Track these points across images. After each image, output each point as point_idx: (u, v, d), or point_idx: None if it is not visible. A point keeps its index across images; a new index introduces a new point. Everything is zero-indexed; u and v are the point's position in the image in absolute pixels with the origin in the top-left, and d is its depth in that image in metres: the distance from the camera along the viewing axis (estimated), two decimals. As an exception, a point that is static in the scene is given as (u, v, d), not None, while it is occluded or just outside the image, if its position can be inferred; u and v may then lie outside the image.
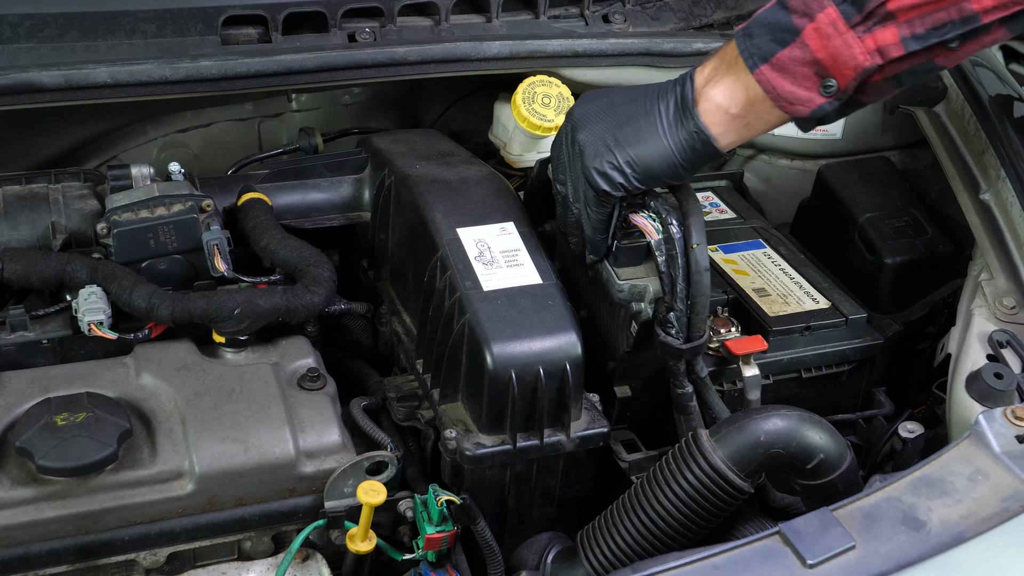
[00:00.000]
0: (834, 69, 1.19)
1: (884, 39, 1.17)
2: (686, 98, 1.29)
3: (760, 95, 1.25)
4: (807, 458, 1.30)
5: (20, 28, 1.60)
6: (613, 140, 1.32)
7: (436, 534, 1.32)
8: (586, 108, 1.36)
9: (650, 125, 1.30)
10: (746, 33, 1.25)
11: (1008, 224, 1.61)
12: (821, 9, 1.18)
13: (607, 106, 1.34)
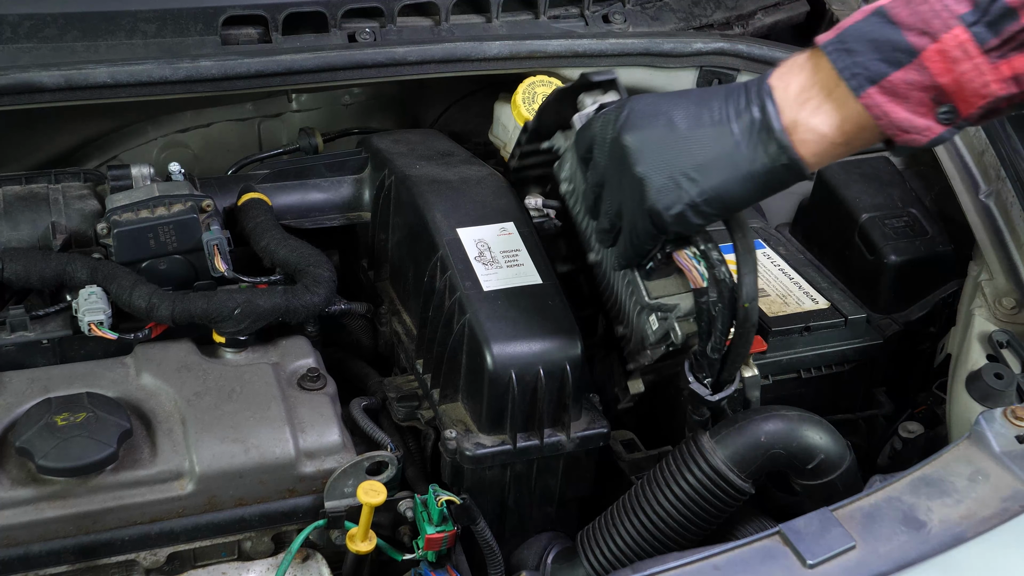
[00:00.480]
0: (958, 96, 1.05)
1: (1022, 66, 1.04)
2: (770, 123, 1.11)
3: (867, 121, 1.09)
4: (807, 458, 1.30)
5: (20, 28, 1.60)
6: (686, 177, 1.14)
7: (436, 534, 1.32)
8: (643, 134, 1.17)
9: (726, 154, 1.13)
10: (843, 48, 1.08)
11: (1008, 224, 1.61)
12: (947, 29, 1.03)
13: (668, 132, 1.16)
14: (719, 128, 1.13)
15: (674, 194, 1.15)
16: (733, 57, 1.86)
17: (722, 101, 1.15)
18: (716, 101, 1.15)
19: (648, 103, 1.19)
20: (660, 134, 1.15)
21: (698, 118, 1.15)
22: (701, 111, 1.15)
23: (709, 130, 1.14)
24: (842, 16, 2.07)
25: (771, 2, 2.06)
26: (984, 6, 1.02)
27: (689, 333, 1.30)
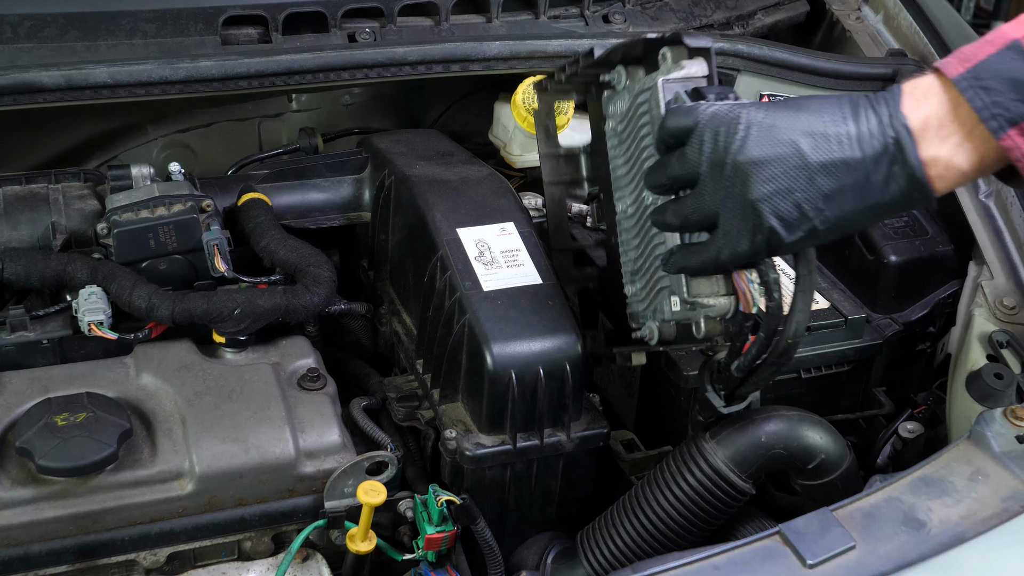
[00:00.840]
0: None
1: None
2: (907, 158, 1.06)
3: (1002, 157, 1.06)
4: (808, 458, 1.30)
5: (20, 28, 1.60)
6: (812, 207, 1.08)
7: (436, 534, 1.32)
8: (767, 160, 1.08)
9: (856, 185, 1.08)
10: (980, 85, 1.04)
11: (1008, 224, 1.61)
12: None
13: (796, 160, 1.07)
14: (850, 158, 1.07)
15: (796, 223, 1.08)
16: (733, 57, 1.86)
17: (852, 126, 1.08)
18: (845, 126, 1.08)
19: (769, 121, 1.09)
20: (786, 163, 1.08)
21: (827, 146, 1.08)
22: (830, 138, 1.08)
23: (839, 160, 1.07)
24: (842, 16, 2.07)
25: (771, 2, 2.06)
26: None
27: (712, 333, 1.25)
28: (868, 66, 1.89)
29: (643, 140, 1.29)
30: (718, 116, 1.11)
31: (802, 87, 1.87)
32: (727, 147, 1.09)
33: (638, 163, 1.31)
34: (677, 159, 1.14)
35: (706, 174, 1.11)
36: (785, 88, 1.88)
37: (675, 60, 1.24)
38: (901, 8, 1.99)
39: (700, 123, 1.11)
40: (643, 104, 1.28)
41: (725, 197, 1.10)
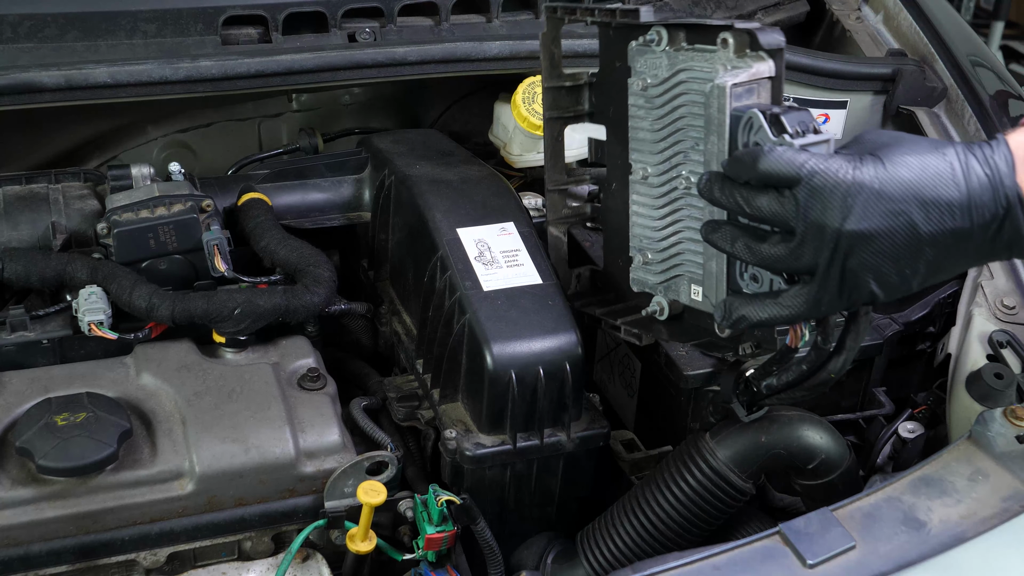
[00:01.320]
0: None
1: None
2: (1018, 223, 1.05)
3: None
4: (808, 458, 1.30)
5: (20, 28, 1.60)
6: (918, 274, 1.07)
7: (436, 534, 1.32)
8: (879, 233, 1.05)
9: (965, 255, 1.07)
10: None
11: (1008, 224, 1.60)
12: None
13: (909, 235, 1.05)
14: (960, 228, 1.05)
15: (897, 287, 1.07)
16: (733, 57, 1.86)
17: (963, 190, 1.04)
18: (956, 190, 1.04)
19: (878, 186, 1.03)
20: (896, 237, 1.04)
21: (939, 217, 1.04)
22: (941, 207, 1.04)
23: (949, 230, 1.05)
24: (842, 16, 2.07)
25: (771, 2, 2.06)
26: None
27: (736, 338, 1.24)
28: (868, 66, 1.90)
29: (681, 118, 1.24)
30: (824, 177, 1.04)
31: (802, 87, 1.87)
32: (833, 214, 1.03)
33: (670, 138, 1.26)
34: (769, 202, 1.07)
35: (805, 233, 1.05)
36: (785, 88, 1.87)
37: (737, 51, 1.16)
38: (901, 8, 1.99)
39: (803, 179, 1.04)
40: (685, 81, 1.22)
41: (826, 263, 1.05)
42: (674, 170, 1.27)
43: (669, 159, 1.27)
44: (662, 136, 1.27)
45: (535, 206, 1.71)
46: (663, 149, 1.28)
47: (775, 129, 1.10)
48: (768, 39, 1.14)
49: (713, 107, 1.16)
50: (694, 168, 1.23)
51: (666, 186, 1.28)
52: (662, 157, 1.28)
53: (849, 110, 1.89)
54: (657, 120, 1.27)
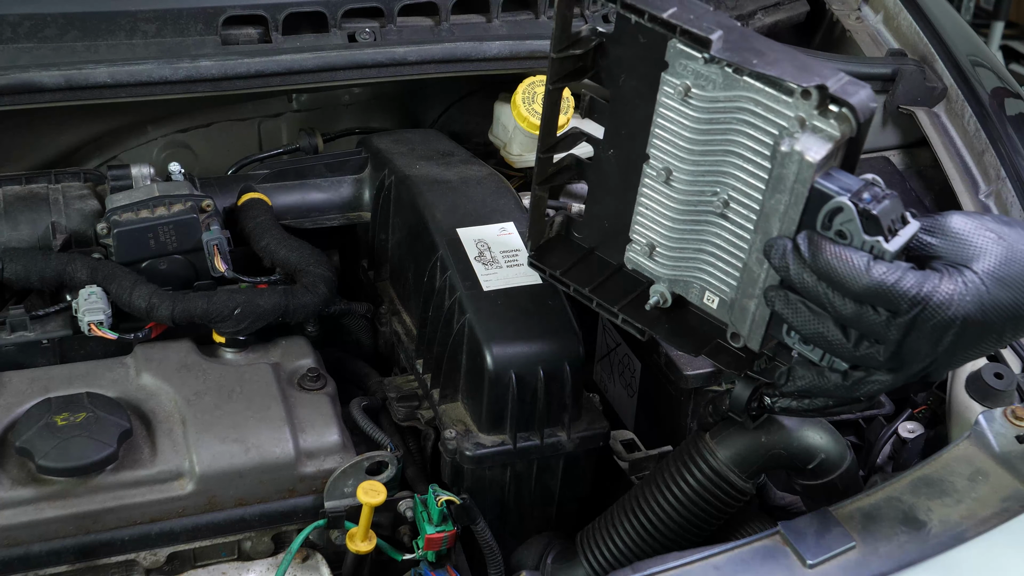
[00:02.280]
0: None
1: None
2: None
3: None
4: (808, 458, 1.30)
5: (20, 28, 1.60)
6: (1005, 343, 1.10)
7: (436, 534, 1.32)
8: (972, 353, 1.08)
9: None
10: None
11: (1008, 224, 1.60)
12: None
13: (998, 339, 1.07)
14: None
15: (989, 350, 1.10)
16: (733, 57, 1.86)
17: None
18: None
19: (981, 319, 1.03)
20: (986, 345, 1.07)
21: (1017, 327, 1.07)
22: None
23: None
24: (842, 16, 2.07)
25: (771, 2, 2.06)
26: None
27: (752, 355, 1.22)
28: (868, 66, 1.90)
29: (734, 146, 1.15)
30: (931, 313, 1.01)
31: (802, 87, 1.87)
32: (934, 346, 1.03)
33: (712, 156, 1.17)
34: (862, 315, 1.03)
35: (899, 353, 1.04)
36: (785, 88, 1.88)
37: (819, 106, 1.07)
38: (901, 8, 1.99)
39: (907, 311, 1.02)
40: (748, 110, 1.12)
41: (913, 372, 1.06)
42: (709, 187, 1.19)
43: (704, 174, 1.19)
44: (702, 151, 1.18)
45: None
46: (700, 163, 1.19)
47: (869, 227, 1.04)
48: (863, 107, 1.07)
49: (790, 172, 1.07)
50: (740, 200, 1.16)
51: (694, 197, 1.21)
52: (696, 170, 1.19)
53: (849, 110, 1.89)
54: (700, 132, 1.18)
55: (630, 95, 1.27)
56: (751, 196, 1.15)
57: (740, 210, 1.16)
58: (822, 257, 1.03)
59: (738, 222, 1.17)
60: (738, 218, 1.16)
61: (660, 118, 1.22)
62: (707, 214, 1.20)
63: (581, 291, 1.33)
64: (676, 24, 1.14)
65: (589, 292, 1.32)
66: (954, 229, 1.07)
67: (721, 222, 1.19)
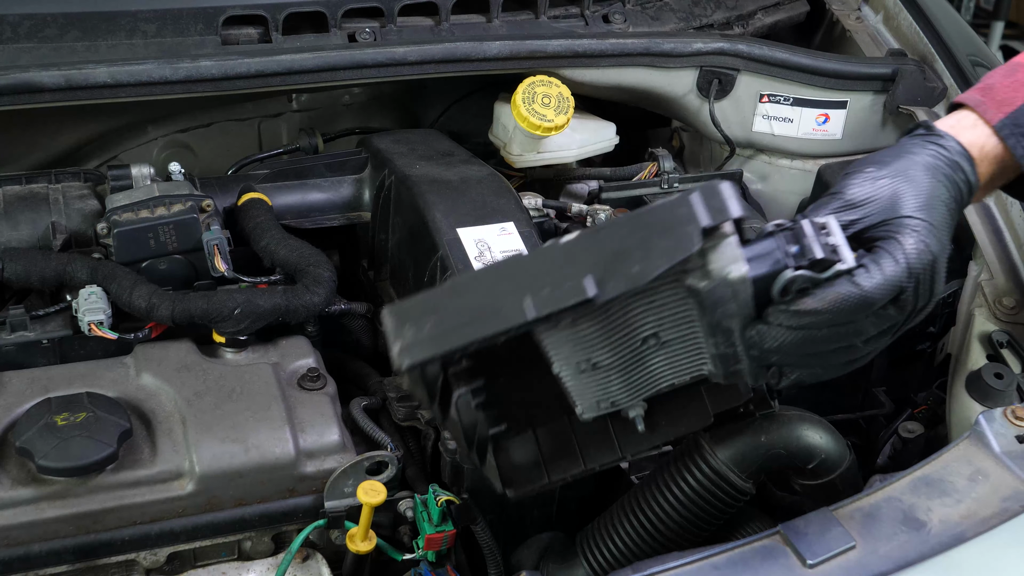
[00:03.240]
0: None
1: None
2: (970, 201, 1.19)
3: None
4: (807, 458, 1.30)
5: (20, 28, 1.60)
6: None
7: (436, 534, 1.32)
8: (945, 234, 1.15)
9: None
10: (1021, 131, 1.17)
11: (1008, 224, 1.61)
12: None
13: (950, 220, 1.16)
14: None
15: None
16: (733, 57, 1.86)
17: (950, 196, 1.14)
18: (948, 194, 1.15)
19: (941, 243, 1.12)
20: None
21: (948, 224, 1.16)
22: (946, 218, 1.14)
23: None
24: (842, 16, 2.07)
25: (771, 2, 2.06)
26: None
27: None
28: (868, 66, 1.90)
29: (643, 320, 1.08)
30: (922, 266, 1.08)
31: (802, 87, 1.88)
32: (934, 286, 1.10)
33: (626, 338, 1.10)
34: (890, 319, 1.07)
35: (916, 307, 1.10)
36: (785, 88, 1.88)
37: (712, 254, 1.00)
38: (901, 8, 1.99)
39: (910, 281, 1.07)
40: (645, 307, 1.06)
41: (928, 309, 1.12)
42: (632, 345, 1.10)
43: (624, 342, 1.10)
44: (617, 339, 1.10)
45: (535, 206, 1.71)
46: (618, 346, 1.10)
47: (818, 266, 1.03)
48: (736, 208, 0.98)
49: (723, 295, 1.02)
50: (672, 332, 1.08)
51: (622, 359, 1.12)
52: (614, 345, 1.11)
53: (849, 110, 1.89)
54: (606, 334, 1.09)
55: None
56: (683, 326, 1.08)
57: (674, 333, 1.09)
58: (820, 316, 1.04)
59: (679, 337, 1.10)
60: (678, 335, 1.09)
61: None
62: (642, 353, 1.12)
63: (577, 473, 1.23)
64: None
65: (585, 468, 1.23)
66: (861, 195, 1.11)
67: (661, 349, 1.11)
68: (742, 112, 1.91)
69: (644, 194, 1.78)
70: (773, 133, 1.92)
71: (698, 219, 0.96)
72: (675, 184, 1.81)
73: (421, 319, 0.99)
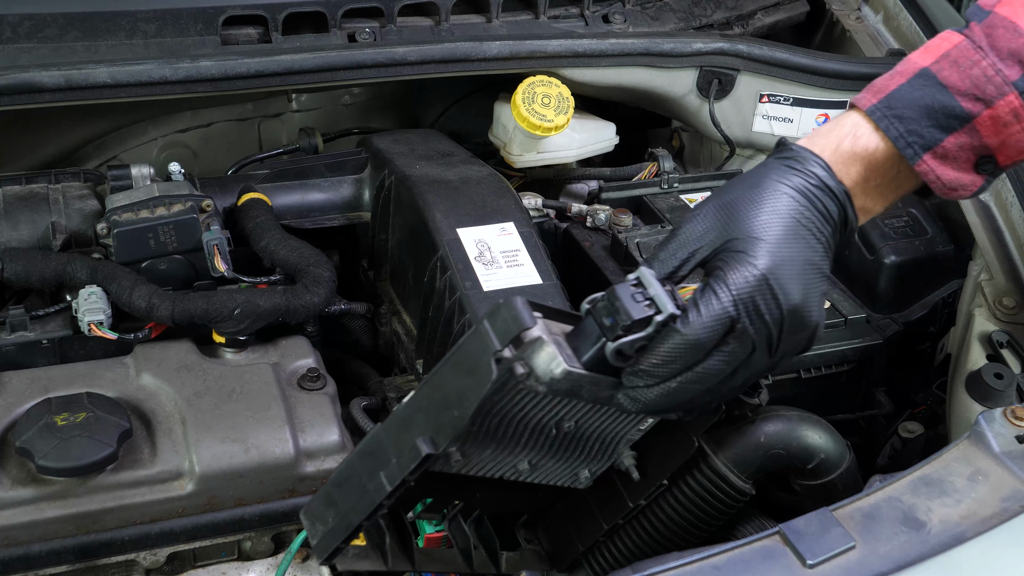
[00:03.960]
0: (1000, 152, 1.08)
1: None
2: (850, 222, 1.10)
3: (913, 186, 1.12)
4: (807, 458, 1.30)
5: (20, 28, 1.60)
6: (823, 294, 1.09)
7: (436, 534, 1.31)
8: (816, 302, 1.07)
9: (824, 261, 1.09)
10: (894, 115, 1.07)
11: (1008, 224, 1.60)
12: (1001, 96, 1.04)
13: (816, 267, 1.07)
14: (818, 244, 1.07)
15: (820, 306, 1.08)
16: (733, 57, 1.86)
17: (811, 213, 1.06)
18: (804, 211, 1.06)
19: (778, 262, 1.03)
20: (817, 284, 1.07)
21: (808, 243, 1.06)
22: (805, 234, 1.06)
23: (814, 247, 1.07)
24: (842, 16, 2.07)
25: (771, 2, 2.06)
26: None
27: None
28: (868, 66, 1.89)
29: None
30: (751, 291, 1.02)
31: (802, 87, 1.88)
32: (776, 308, 1.03)
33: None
34: (736, 354, 1.03)
35: (760, 347, 1.04)
36: (785, 88, 1.88)
37: (533, 361, 1.02)
38: (901, 8, 1.99)
39: (739, 310, 1.02)
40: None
41: (784, 348, 1.06)
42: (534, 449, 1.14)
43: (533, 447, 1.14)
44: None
45: (535, 206, 1.71)
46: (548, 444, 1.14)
47: (638, 326, 1.03)
48: (530, 321, 0.99)
49: (562, 386, 1.04)
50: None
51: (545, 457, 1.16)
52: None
53: (849, 110, 1.89)
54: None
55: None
56: (577, 406, 1.10)
57: (579, 413, 1.12)
58: (663, 369, 1.03)
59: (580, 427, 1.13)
60: (584, 413, 1.12)
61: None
62: (572, 434, 1.15)
63: (603, 534, 1.27)
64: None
65: (605, 528, 1.26)
66: (697, 228, 1.06)
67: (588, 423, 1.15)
68: (742, 112, 1.91)
69: (644, 194, 1.78)
70: (773, 133, 1.92)
71: (490, 348, 0.99)
72: (675, 184, 1.81)
73: (325, 514, 1.08)
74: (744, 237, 1.03)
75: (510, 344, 0.99)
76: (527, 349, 1.01)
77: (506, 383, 1.01)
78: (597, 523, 1.25)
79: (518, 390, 1.03)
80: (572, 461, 1.19)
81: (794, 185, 1.07)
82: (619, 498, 1.24)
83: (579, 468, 1.20)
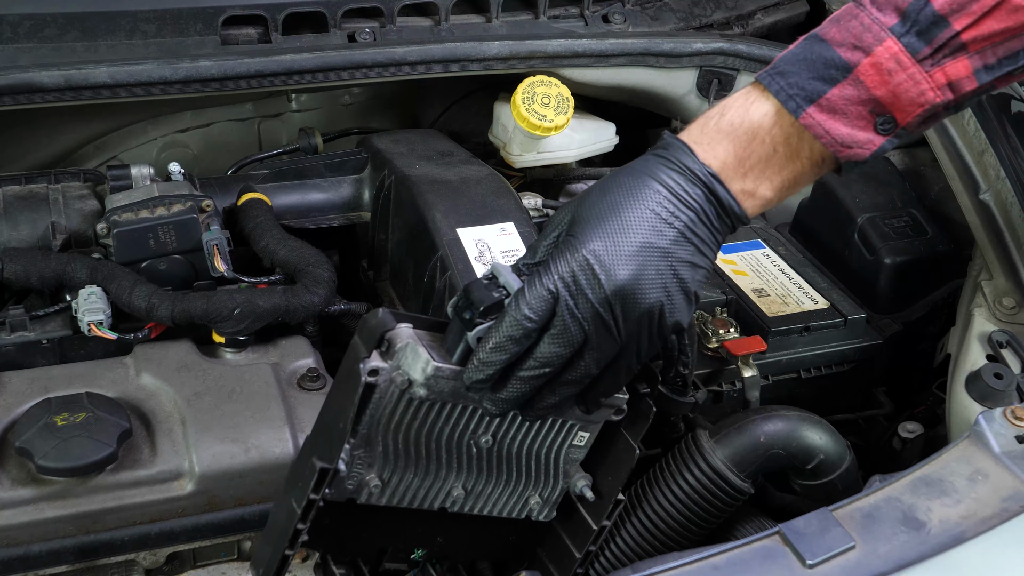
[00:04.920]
0: (895, 106, 1.04)
1: (956, 72, 1.03)
2: (731, 210, 1.08)
3: (811, 158, 1.07)
4: (807, 458, 1.31)
5: (20, 28, 1.60)
6: (691, 280, 1.07)
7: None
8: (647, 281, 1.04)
9: (704, 240, 1.07)
10: (776, 71, 1.06)
11: (1008, 224, 1.60)
12: (879, 42, 1.02)
13: (661, 254, 1.05)
14: (693, 240, 1.06)
15: (684, 299, 1.06)
16: (733, 57, 1.86)
17: (672, 216, 1.05)
18: (662, 208, 1.04)
19: (610, 243, 1.03)
20: (651, 264, 1.04)
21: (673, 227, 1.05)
22: (652, 229, 1.04)
23: (687, 231, 1.06)
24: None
25: (771, 2, 2.06)
26: (913, 16, 1.01)
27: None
28: (868, 66, 1.89)
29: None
30: (572, 271, 1.02)
31: (802, 87, 1.87)
32: (599, 286, 1.02)
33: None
34: (559, 341, 1.02)
35: (594, 328, 1.03)
36: (785, 88, 1.88)
37: (405, 366, 1.05)
38: (901, 8, 1.99)
39: (558, 288, 1.02)
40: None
41: (627, 330, 1.04)
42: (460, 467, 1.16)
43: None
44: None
45: (535, 206, 1.71)
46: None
47: (493, 314, 1.04)
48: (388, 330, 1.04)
49: (440, 388, 1.06)
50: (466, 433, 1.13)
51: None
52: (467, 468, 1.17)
53: (849, 110, 1.89)
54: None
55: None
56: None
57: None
58: (506, 349, 1.02)
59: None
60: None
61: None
62: (502, 452, 1.17)
63: (577, 563, 1.27)
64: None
65: (580, 556, 1.26)
66: (554, 222, 1.08)
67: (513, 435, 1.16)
68: (742, 112, 1.91)
69: (644, 194, 1.78)
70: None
71: (359, 356, 1.04)
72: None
73: (261, 555, 1.14)
74: (581, 221, 1.04)
75: (383, 354, 1.03)
76: (399, 356, 1.04)
77: (386, 392, 1.04)
78: (571, 554, 1.26)
79: (405, 399, 1.06)
80: (513, 486, 1.19)
81: (649, 171, 1.06)
82: (584, 523, 1.24)
83: (527, 494, 1.20)
